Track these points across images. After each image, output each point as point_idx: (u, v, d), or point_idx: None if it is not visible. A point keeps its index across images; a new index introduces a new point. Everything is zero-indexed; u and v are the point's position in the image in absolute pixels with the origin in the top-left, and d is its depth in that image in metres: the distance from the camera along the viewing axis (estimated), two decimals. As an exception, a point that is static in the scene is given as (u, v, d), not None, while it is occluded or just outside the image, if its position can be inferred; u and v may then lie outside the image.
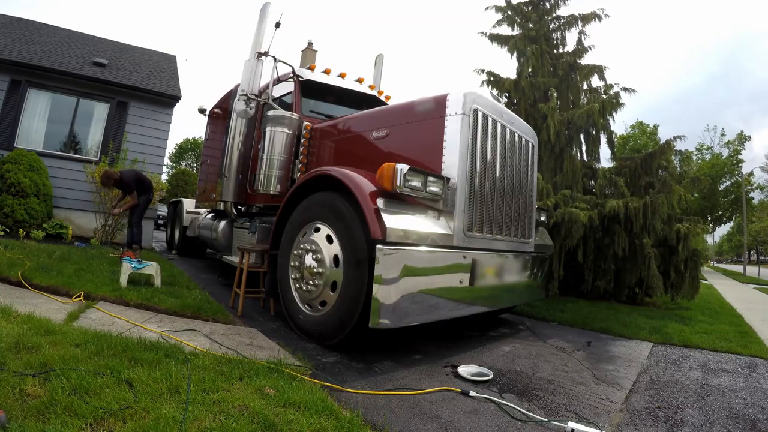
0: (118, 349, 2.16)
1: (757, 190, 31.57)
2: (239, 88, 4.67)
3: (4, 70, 8.14)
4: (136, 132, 9.15)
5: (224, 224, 5.61)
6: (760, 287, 14.89)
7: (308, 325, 3.13)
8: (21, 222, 7.05)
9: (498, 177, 3.49)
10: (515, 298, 3.87)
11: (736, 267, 37.65)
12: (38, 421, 1.44)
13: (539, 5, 9.55)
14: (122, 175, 6.41)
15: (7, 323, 2.37)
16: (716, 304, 7.79)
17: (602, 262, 6.73)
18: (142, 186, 6.65)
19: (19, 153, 7.52)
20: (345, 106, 5.07)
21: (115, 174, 6.35)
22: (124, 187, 6.49)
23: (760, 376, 3.24)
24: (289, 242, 3.42)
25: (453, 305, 2.97)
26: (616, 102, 8.09)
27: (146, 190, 6.74)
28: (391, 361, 2.83)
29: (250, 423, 1.62)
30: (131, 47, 11.70)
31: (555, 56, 9.07)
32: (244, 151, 5.09)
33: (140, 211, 6.65)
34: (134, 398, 1.68)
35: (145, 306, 3.43)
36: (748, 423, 2.28)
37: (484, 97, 3.44)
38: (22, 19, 10.61)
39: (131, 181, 6.45)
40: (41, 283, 3.63)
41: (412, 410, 2.08)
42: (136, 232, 6.52)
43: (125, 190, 6.54)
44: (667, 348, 4.00)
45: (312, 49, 14.70)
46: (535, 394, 2.49)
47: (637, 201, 6.65)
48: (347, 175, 3.01)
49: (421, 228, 2.86)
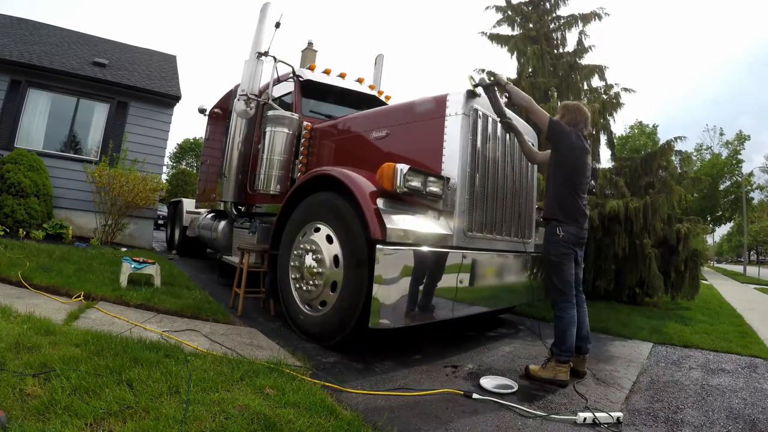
0: (118, 350, 2.16)
1: (757, 190, 31.63)
2: (239, 88, 4.67)
3: (5, 70, 8.13)
4: (136, 132, 9.14)
5: (224, 224, 5.61)
6: (760, 287, 14.88)
7: (308, 325, 3.13)
8: (21, 222, 7.04)
9: (498, 177, 3.49)
10: (515, 298, 3.87)
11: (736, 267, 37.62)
12: (38, 421, 1.44)
13: (539, 5, 9.55)
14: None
15: (7, 323, 2.37)
16: (716, 304, 7.79)
17: (602, 262, 6.73)
18: None
19: (19, 153, 7.51)
20: (345, 106, 5.06)
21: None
22: None
23: (760, 376, 3.24)
24: (289, 242, 3.42)
25: (453, 305, 2.97)
26: (616, 102, 8.09)
27: None
28: (391, 361, 2.83)
29: (250, 423, 1.62)
30: (131, 47, 11.69)
31: (555, 56, 9.07)
32: (244, 151, 5.09)
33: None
34: (134, 398, 1.68)
35: (145, 306, 3.43)
36: (748, 423, 2.28)
37: (484, 97, 3.43)
38: (22, 19, 10.61)
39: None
40: (41, 283, 3.63)
41: (412, 410, 2.08)
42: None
43: None
44: (667, 348, 4.00)
45: (312, 49, 14.68)
46: (535, 394, 2.49)
47: (637, 201, 6.65)
48: (347, 175, 3.01)
49: (421, 228, 2.86)
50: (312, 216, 3.28)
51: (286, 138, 4.32)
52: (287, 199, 3.55)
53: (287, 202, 3.55)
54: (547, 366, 2.72)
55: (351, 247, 2.88)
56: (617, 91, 8.26)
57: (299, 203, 3.44)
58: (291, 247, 3.38)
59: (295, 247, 3.34)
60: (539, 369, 2.74)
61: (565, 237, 2.78)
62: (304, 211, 3.37)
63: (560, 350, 2.71)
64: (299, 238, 3.34)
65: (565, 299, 2.78)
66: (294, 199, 3.50)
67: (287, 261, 3.39)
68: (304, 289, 3.18)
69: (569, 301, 2.78)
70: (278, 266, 3.51)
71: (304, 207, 3.38)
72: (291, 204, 3.51)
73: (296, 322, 3.24)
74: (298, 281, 3.25)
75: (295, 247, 3.34)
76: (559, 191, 2.86)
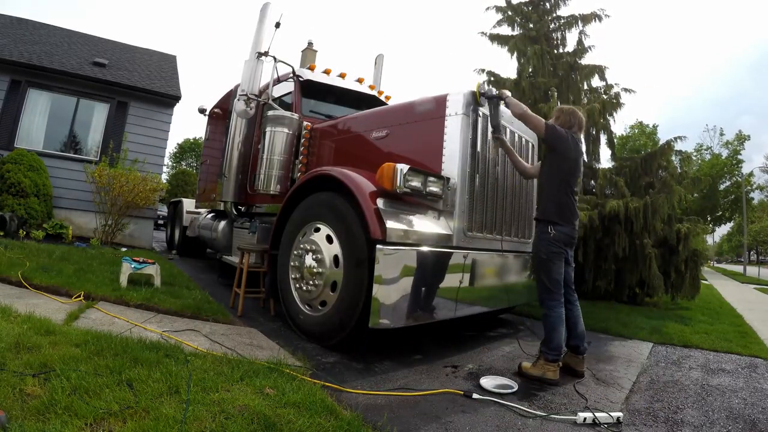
0: (118, 350, 2.16)
1: (757, 190, 31.61)
2: (239, 88, 4.67)
3: (5, 70, 8.13)
4: (136, 132, 9.14)
5: (224, 224, 5.61)
6: (760, 287, 14.88)
7: (308, 325, 3.13)
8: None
9: (498, 177, 3.49)
10: (515, 298, 3.87)
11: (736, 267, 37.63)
12: (38, 421, 1.44)
13: (539, 5, 9.55)
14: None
15: (7, 323, 2.36)
16: (716, 304, 7.79)
17: (602, 262, 6.73)
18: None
19: (20, 153, 7.51)
20: (345, 106, 5.06)
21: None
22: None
23: (760, 376, 3.24)
24: (289, 242, 3.42)
25: (453, 305, 2.97)
26: (616, 102, 8.09)
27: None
28: (391, 361, 2.83)
29: (250, 423, 1.62)
30: (131, 47, 11.69)
31: (555, 56, 9.07)
32: (244, 151, 5.09)
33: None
34: (134, 398, 1.68)
35: (145, 306, 3.43)
36: (748, 423, 2.28)
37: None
38: (22, 19, 10.61)
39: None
40: (41, 283, 3.63)
41: (412, 410, 2.08)
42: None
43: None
44: (667, 348, 4.00)
45: (312, 49, 14.68)
46: (535, 394, 2.49)
47: (637, 201, 6.65)
48: (347, 175, 3.01)
49: (421, 228, 2.86)
50: (312, 216, 3.28)
51: (286, 138, 4.32)
52: (287, 199, 3.55)
53: (287, 202, 3.55)
54: (537, 364, 2.75)
55: (351, 247, 2.88)
56: (617, 91, 8.26)
57: (299, 203, 3.44)
58: (291, 247, 3.38)
59: (295, 247, 3.34)
60: (530, 366, 2.77)
61: (556, 236, 2.81)
62: (304, 211, 3.37)
63: (548, 349, 2.73)
64: (299, 238, 3.34)
65: (553, 298, 2.80)
66: (294, 199, 3.50)
67: (287, 261, 3.39)
68: (304, 289, 3.18)
69: (557, 299, 2.81)
70: (278, 266, 3.51)
71: (304, 207, 3.38)
72: (291, 204, 3.51)
73: (296, 322, 3.24)
74: (298, 281, 3.25)
75: (295, 247, 3.34)
76: (557, 193, 2.88)
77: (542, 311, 2.88)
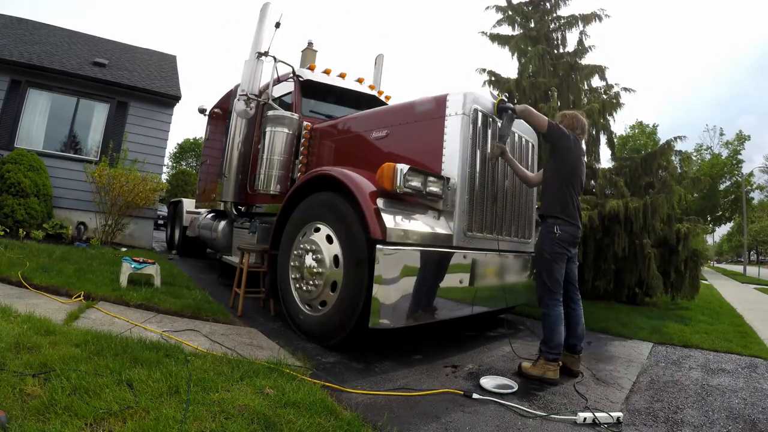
0: (118, 350, 2.16)
1: (757, 190, 31.62)
2: (239, 88, 4.67)
3: (5, 70, 8.13)
4: (136, 132, 9.14)
5: (224, 224, 5.61)
6: (760, 287, 14.88)
7: (308, 325, 3.13)
8: (21, 222, 7.04)
9: (498, 177, 3.49)
10: (515, 298, 3.86)
11: (736, 267, 37.63)
12: (38, 421, 1.44)
13: (540, 5, 9.55)
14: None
15: (7, 323, 2.37)
16: (716, 304, 7.79)
17: (602, 262, 6.72)
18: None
19: (20, 153, 7.51)
20: (345, 106, 5.06)
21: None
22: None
23: (760, 376, 3.24)
24: (289, 242, 3.42)
25: (453, 305, 2.97)
26: (616, 102, 8.08)
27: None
28: (391, 361, 2.83)
29: (250, 423, 1.62)
30: (131, 47, 11.68)
31: (555, 56, 9.07)
32: (244, 151, 5.09)
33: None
34: (134, 398, 1.68)
35: (145, 306, 3.43)
36: (748, 423, 2.28)
37: (484, 97, 3.43)
38: (22, 19, 10.60)
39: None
40: (41, 283, 3.63)
41: (412, 410, 2.08)
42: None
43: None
44: (667, 348, 4.00)
45: (312, 49, 14.67)
46: (535, 394, 2.49)
47: (637, 201, 6.64)
48: (347, 175, 3.01)
49: (421, 228, 2.86)
50: (312, 216, 3.28)
51: (286, 138, 4.32)
52: (287, 199, 3.55)
53: (287, 202, 3.55)
54: (537, 364, 2.74)
55: (351, 247, 2.88)
56: (617, 91, 8.26)
57: (299, 203, 3.43)
58: (291, 247, 3.38)
59: (295, 247, 3.34)
60: (530, 366, 2.76)
61: (561, 236, 2.81)
62: (304, 211, 3.37)
63: (548, 348, 2.72)
64: (299, 238, 3.33)
65: (553, 297, 2.80)
66: (294, 199, 3.50)
67: (287, 261, 3.38)
68: (304, 289, 3.18)
69: (556, 299, 2.81)
70: (278, 266, 3.51)
71: (304, 207, 3.38)
72: (291, 204, 3.51)
73: (296, 322, 3.24)
74: (298, 281, 3.25)
75: (295, 247, 3.34)
76: (560, 191, 2.89)
77: (541, 310, 2.88)
